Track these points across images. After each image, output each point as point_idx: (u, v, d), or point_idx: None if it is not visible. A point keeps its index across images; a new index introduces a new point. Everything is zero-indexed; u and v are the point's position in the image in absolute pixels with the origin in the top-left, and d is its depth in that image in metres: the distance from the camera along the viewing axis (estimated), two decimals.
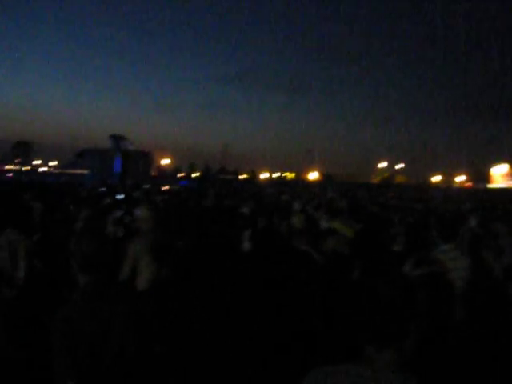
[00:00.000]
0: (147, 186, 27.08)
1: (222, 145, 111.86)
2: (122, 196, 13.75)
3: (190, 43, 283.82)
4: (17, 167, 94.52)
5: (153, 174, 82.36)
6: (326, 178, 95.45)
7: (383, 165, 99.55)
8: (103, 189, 22.40)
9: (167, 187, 29.97)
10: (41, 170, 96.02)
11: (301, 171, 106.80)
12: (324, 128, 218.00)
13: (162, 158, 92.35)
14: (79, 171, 72.07)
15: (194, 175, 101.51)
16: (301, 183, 77.50)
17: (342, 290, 4.40)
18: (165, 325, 4.61)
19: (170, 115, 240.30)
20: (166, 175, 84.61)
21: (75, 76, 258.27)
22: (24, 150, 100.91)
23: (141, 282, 4.82)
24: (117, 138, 64.24)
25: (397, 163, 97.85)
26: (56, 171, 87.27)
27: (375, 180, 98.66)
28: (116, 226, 6.03)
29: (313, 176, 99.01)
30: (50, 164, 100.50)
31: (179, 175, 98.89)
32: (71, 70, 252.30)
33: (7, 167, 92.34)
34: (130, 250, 5.01)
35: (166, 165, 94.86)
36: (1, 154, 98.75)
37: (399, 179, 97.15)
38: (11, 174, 73.01)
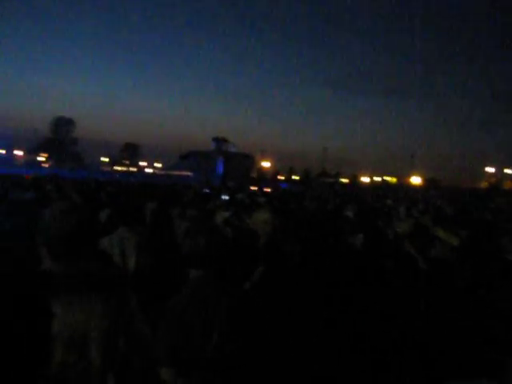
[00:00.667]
0: (254, 188, 27.40)
1: (321, 148, 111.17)
2: (227, 197, 13.98)
3: (293, 48, 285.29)
4: (125, 168, 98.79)
5: (253, 176, 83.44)
6: (429, 182, 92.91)
7: (491, 169, 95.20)
8: (207, 190, 22.90)
9: (268, 189, 30.22)
10: (146, 171, 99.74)
11: (402, 175, 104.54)
12: (426, 132, 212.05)
13: (263, 160, 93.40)
14: (183, 173, 74.21)
15: (293, 178, 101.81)
16: (404, 188, 75.61)
17: (447, 298, 4.26)
18: (265, 324, 4.62)
19: (271, 118, 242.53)
20: (267, 178, 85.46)
21: (181, 81, 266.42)
22: (131, 152, 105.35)
23: (249, 283, 4.86)
24: (220, 141, 65.65)
25: (506, 168, 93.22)
26: (161, 173, 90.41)
27: (482, 185, 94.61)
28: (226, 226, 6.13)
29: (415, 180, 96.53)
30: (155, 166, 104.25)
31: (279, 178, 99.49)
32: (177, 75, 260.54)
33: (115, 168, 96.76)
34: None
35: (267, 167, 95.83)
36: (111, 156, 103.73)
37: (508, 185, 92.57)
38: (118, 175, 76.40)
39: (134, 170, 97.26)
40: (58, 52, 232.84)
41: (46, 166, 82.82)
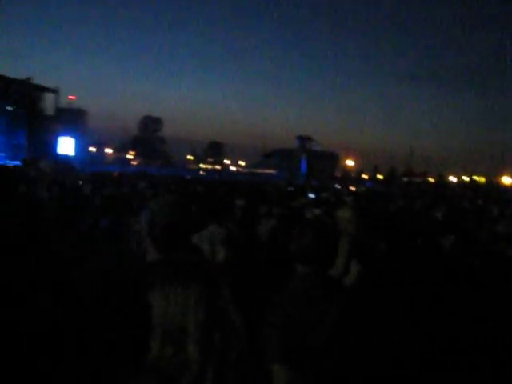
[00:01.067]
0: (338, 187, 27.22)
1: (407, 146, 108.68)
2: (313, 196, 13.98)
3: (374, 44, 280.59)
4: (209, 166, 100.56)
5: (337, 174, 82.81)
6: None
7: None
8: (291, 188, 22.97)
9: (353, 188, 29.94)
10: (231, 169, 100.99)
11: (492, 175, 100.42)
12: None
13: (347, 158, 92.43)
14: (267, 171, 74.64)
15: (378, 177, 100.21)
16: (495, 187, 72.58)
17: None
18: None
19: (355, 116, 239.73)
20: (350, 176, 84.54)
21: (265, 80, 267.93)
22: (216, 150, 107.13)
23: (348, 280, 4.86)
24: (304, 139, 65.56)
25: None
26: (244, 171, 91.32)
27: None
28: None
29: (507, 181, 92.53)
30: (239, 164, 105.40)
31: (363, 177, 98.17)
32: (262, 74, 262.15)
33: (201, 165, 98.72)
34: (341, 248, 5.05)
35: (350, 166, 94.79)
36: (197, 154, 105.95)
37: None
38: (201, 172, 77.59)
39: (219, 168, 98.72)
40: (148, 56, 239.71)
41: (135, 163, 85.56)
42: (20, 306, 2.16)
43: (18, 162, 43.60)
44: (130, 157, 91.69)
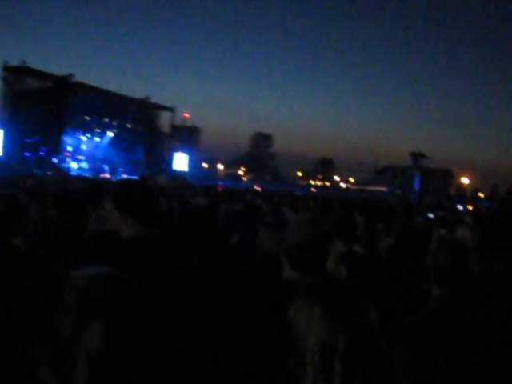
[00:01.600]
0: (459, 206, 26.22)
1: None
2: (431, 215, 13.52)
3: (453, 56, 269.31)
4: (319, 183, 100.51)
5: (452, 192, 79.87)
6: None
7: None
8: (404, 206, 22.38)
9: (470, 207, 28.70)
10: (340, 185, 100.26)
11: None
12: None
13: (462, 176, 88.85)
14: (378, 188, 73.44)
15: (496, 196, 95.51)
16: None
17: None
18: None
19: (470, 133, 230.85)
20: (466, 195, 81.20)
21: (374, 96, 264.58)
22: (326, 166, 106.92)
23: None
24: (417, 156, 63.88)
25: None
26: (354, 187, 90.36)
27: None
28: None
29: None
30: (349, 180, 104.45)
31: (479, 195, 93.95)
32: (372, 91, 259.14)
33: (311, 181, 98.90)
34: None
35: (466, 184, 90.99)
36: (306, 170, 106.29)
37: None
38: (313, 189, 77.57)
39: (328, 184, 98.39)
40: (259, 74, 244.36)
41: (245, 179, 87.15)
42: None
43: (136, 177, 45.74)
44: (240, 172, 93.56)
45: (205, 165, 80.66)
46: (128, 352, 1.13)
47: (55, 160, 45.89)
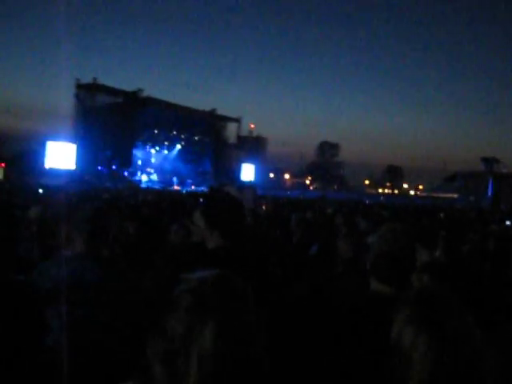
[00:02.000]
0: None
1: None
2: (509, 223, 13.00)
3: None
4: (387, 190, 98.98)
5: None
6: None
7: None
8: (476, 213, 21.70)
9: None
10: (410, 193, 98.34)
11: None
12: None
13: None
14: (448, 195, 71.64)
15: None
16: None
17: None
18: None
19: None
20: None
21: (441, 102, 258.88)
22: (394, 174, 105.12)
23: None
24: (490, 161, 61.89)
25: None
26: (423, 194, 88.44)
27: None
28: None
29: None
30: (418, 187, 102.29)
31: None
32: (437, 97, 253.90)
33: (380, 190, 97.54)
34: None
35: None
36: (374, 178, 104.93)
37: None
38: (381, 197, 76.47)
39: (396, 192, 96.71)
40: (322, 83, 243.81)
41: (311, 188, 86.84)
42: None
43: (204, 188, 46.41)
44: (307, 182, 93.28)
45: (271, 175, 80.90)
46: (237, 351, 1.17)
47: (126, 173, 47.22)
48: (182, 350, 1.15)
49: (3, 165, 49.26)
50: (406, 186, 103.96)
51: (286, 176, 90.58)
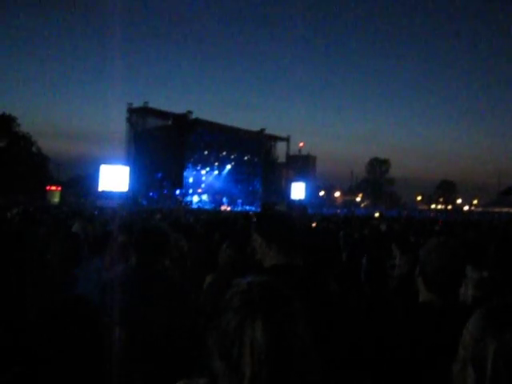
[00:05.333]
0: None
1: None
2: None
3: None
4: (439, 206, 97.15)
5: None
6: None
7: None
8: None
9: None
10: (464, 209, 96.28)
11: None
12: None
13: None
14: (504, 209, 69.81)
15: None
16: None
17: None
18: None
19: None
20: None
21: (494, 114, 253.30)
22: (447, 188, 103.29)
23: None
24: None
25: None
26: (478, 210, 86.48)
27: None
28: None
29: None
30: (472, 203, 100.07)
31: None
32: (490, 108, 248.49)
33: (433, 206, 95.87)
34: None
35: None
36: (426, 193, 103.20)
37: None
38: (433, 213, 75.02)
39: (450, 207, 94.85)
40: (370, 100, 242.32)
41: (362, 205, 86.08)
42: None
43: (253, 208, 46.67)
44: (358, 199, 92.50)
45: (321, 192, 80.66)
46: (286, 345, 1.33)
47: (178, 194, 47.93)
48: (236, 345, 1.32)
49: (60, 188, 50.92)
50: (459, 201, 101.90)
51: (337, 194, 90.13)
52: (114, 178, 45.93)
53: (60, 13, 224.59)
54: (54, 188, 50.73)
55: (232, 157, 56.15)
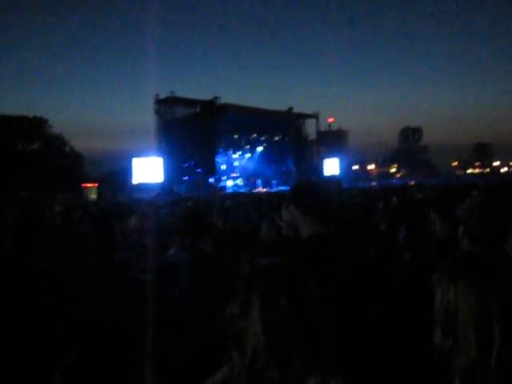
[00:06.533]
0: None
1: None
2: None
3: None
4: (477, 170, 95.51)
5: None
6: None
7: None
8: None
9: None
10: (502, 170, 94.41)
11: None
12: None
13: None
14: None
15: None
16: None
17: None
18: None
19: None
20: None
21: None
22: (484, 152, 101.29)
23: None
24: None
25: None
26: None
27: None
28: None
29: None
30: (510, 165, 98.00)
31: None
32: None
33: (470, 170, 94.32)
34: None
35: None
36: (462, 158, 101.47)
37: None
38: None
39: (487, 170, 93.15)
40: (400, 68, 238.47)
41: (398, 176, 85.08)
42: None
43: (288, 188, 46.43)
44: (393, 170, 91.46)
45: (355, 167, 79.92)
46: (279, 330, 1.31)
47: (212, 180, 48.13)
48: (241, 328, 1.33)
49: (96, 184, 51.72)
50: (497, 163, 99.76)
51: (371, 166, 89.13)
52: (148, 170, 46.40)
53: (86, 13, 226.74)
54: (90, 185, 51.58)
55: (262, 138, 56.11)
